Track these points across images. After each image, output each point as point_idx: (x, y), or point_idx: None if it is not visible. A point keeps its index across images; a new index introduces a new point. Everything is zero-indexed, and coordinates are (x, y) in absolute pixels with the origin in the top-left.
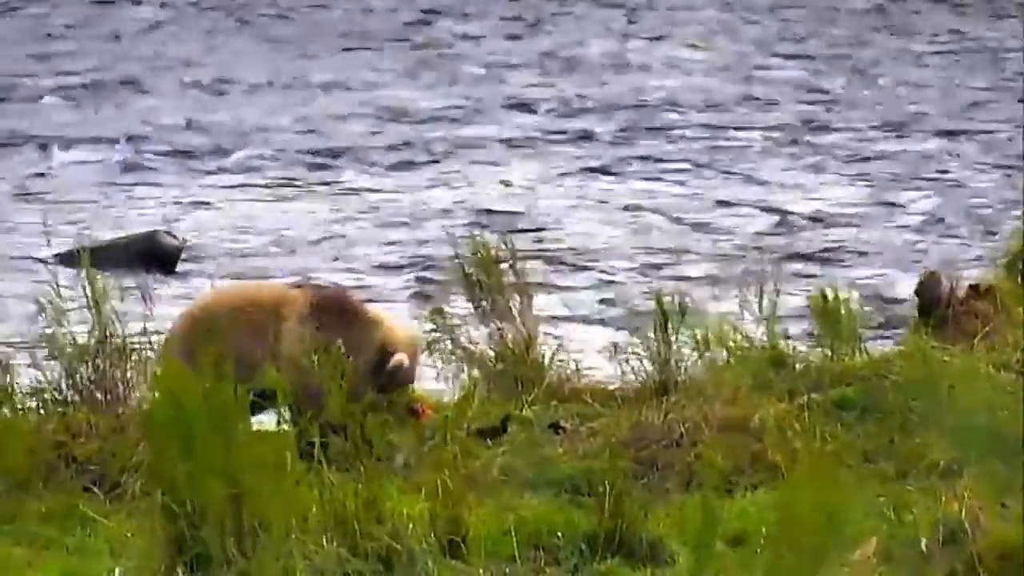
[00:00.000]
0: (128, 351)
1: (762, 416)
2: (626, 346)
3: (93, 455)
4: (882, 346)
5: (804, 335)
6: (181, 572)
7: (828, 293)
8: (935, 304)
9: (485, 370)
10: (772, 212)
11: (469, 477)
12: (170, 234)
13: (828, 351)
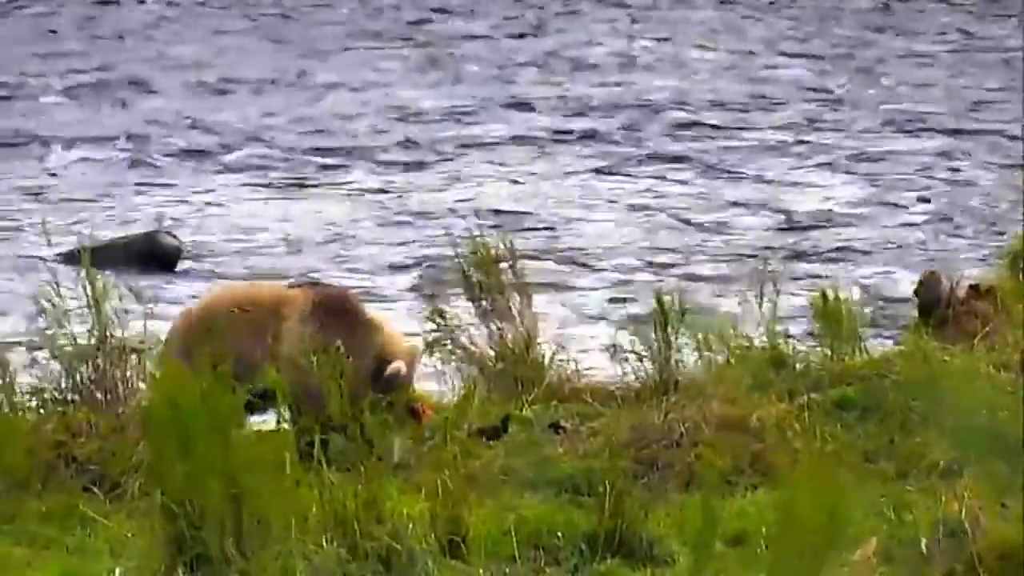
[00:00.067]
0: (128, 351)
1: (762, 416)
2: (626, 346)
3: (93, 455)
4: (882, 346)
5: (804, 335)
6: (181, 572)
7: (829, 293)
8: (935, 304)
9: (485, 370)
10: (775, 212)
11: (469, 477)
12: (170, 234)
13: (828, 351)
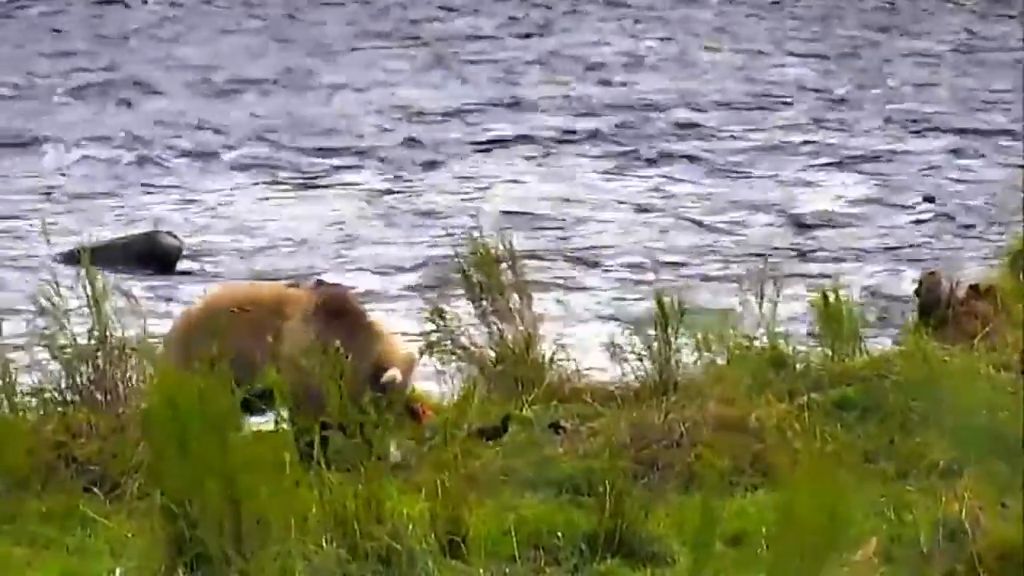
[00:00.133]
0: (128, 351)
1: (762, 416)
2: (626, 346)
3: (93, 455)
4: (882, 346)
5: (804, 335)
6: (181, 572)
7: (829, 293)
8: (935, 304)
9: (485, 370)
10: (780, 211)
11: (469, 477)
12: (171, 234)
13: (828, 351)
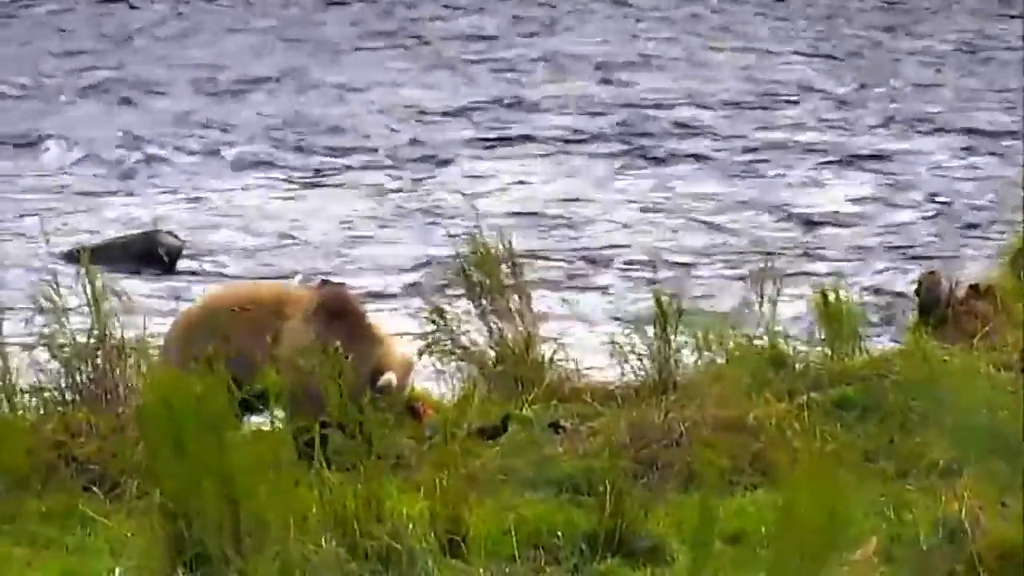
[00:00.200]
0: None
1: (762, 416)
2: (626, 346)
3: (93, 455)
4: (882, 346)
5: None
6: (180, 572)
7: (829, 293)
8: (935, 304)
9: (485, 370)
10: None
11: (469, 477)
12: (171, 233)
13: (828, 351)
